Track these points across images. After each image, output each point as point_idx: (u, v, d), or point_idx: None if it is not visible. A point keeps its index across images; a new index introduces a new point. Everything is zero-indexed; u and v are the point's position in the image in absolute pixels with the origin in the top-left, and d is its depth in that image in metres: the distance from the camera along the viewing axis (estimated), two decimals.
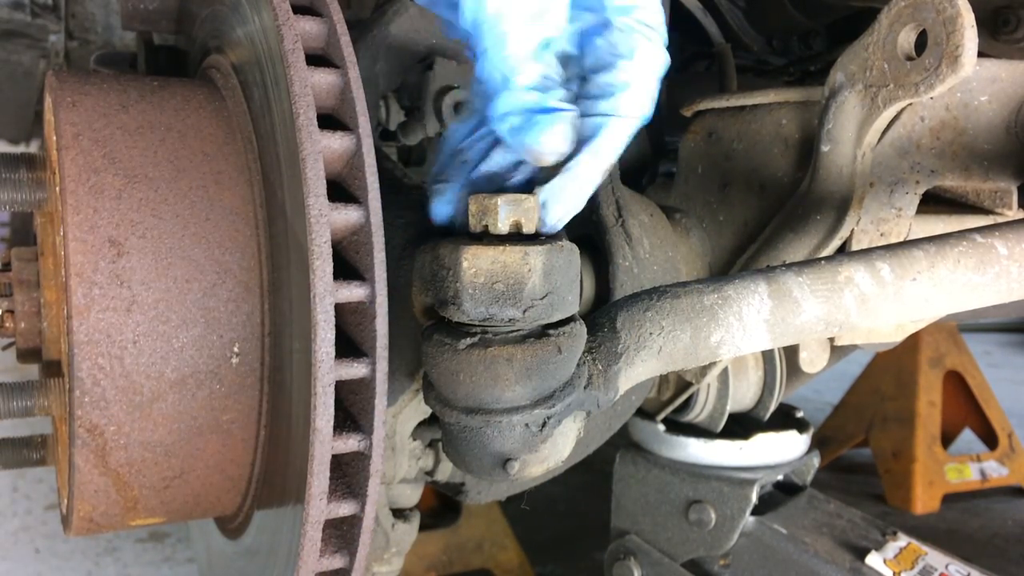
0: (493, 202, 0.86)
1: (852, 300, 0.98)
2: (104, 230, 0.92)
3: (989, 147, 1.29)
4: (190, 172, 0.98)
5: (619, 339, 0.96)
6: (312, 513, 0.86)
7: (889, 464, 3.39)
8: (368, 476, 0.89)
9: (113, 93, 1.01)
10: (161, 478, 0.99)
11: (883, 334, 1.38)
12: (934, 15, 1.07)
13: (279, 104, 0.91)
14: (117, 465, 0.96)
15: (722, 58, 1.81)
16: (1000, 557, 2.93)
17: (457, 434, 0.92)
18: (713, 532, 1.46)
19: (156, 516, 1.03)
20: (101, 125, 0.97)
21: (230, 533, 1.18)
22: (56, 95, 0.98)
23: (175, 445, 0.97)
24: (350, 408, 0.92)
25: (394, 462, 1.20)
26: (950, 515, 3.27)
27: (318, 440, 0.84)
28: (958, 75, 1.06)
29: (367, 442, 0.88)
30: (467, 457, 0.93)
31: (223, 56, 1.11)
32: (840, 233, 1.26)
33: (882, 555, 1.39)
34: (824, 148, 1.24)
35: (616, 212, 1.28)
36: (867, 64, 1.17)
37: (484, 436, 0.90)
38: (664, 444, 1.54)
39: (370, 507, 0.90)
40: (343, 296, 0.86)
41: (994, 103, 1.29)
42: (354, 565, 0.92)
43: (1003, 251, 1.02)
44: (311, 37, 0.92)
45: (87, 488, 0.96)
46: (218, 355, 0.97)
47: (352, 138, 0.89)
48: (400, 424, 1.18)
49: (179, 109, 1.02)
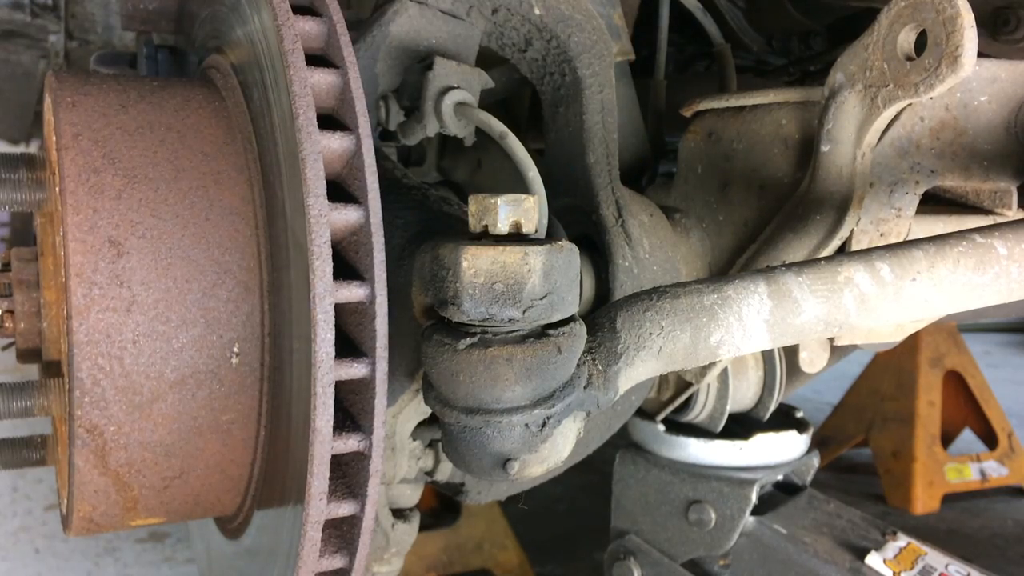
0: (493, 202, 0.86)
1: (852, 300, 0.98)
2: (104, 230, 0.92)
3: (989, 147, 1.29)
4: (190, 172, 0.98)
5: (619, 339, 0.96)
6: (312, 513, 0.86)
7: (889, 464, 3.39)
8: (368, 476, 0.89)
9: (113, 93, 1.01)
10: (161, 478, 0.99)
11: (883, 334, 1.38)
12: (934, 15, 1.07)
13: (279, 104, 0.91)
14: (117, 465, 0.96)
15: (722, 58, 1.81)
16: (1000, 557, 2.93)
17: (457, 434, 0.92)
18: (713, 532, 1.46)
19: (156, 516, 1.03)
20: (101, 125, 0.97)
21: (230, 533, 1.18)
22: (56, 95, 0.98)
23: (175, 445, 0.97)
24: (350, 408, 0.92)
25: (394, 462, 1.20)
26: (950, 515, 3.27)
27: (318, 440, 0.84)
28: (958, 75, 1.06)
29: (367, 442, 0.88)
30: (467, 457, 0.93)
31: (223, 56, 1.11)
32: (840, 233, 1.26)
33: (882, 555, 1.39)
34: (824, 148, 1.24)
35: (616, 212, 1.28)
36: (867, 64, 1.17)
37: (484, 436, 0.90)
38: (664, 444, 1.54)
39: (370, 507, 0.90)
40: (343, 296, 0.86)
41: (994, 103, 1.29)
42: (354, 565, 0.92)
43: (1003, 251, 1.02)
44: (311, 37, 0.92)
45: (87, 488, 0.96)
46: (218, 355, 0.97)
47: (352, 138, 0.89)
48: (400, 424, 1.18)
49: (179, 109, 1.02)
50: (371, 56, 1.25)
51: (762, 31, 1.99)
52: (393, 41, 1.25)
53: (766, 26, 1.99)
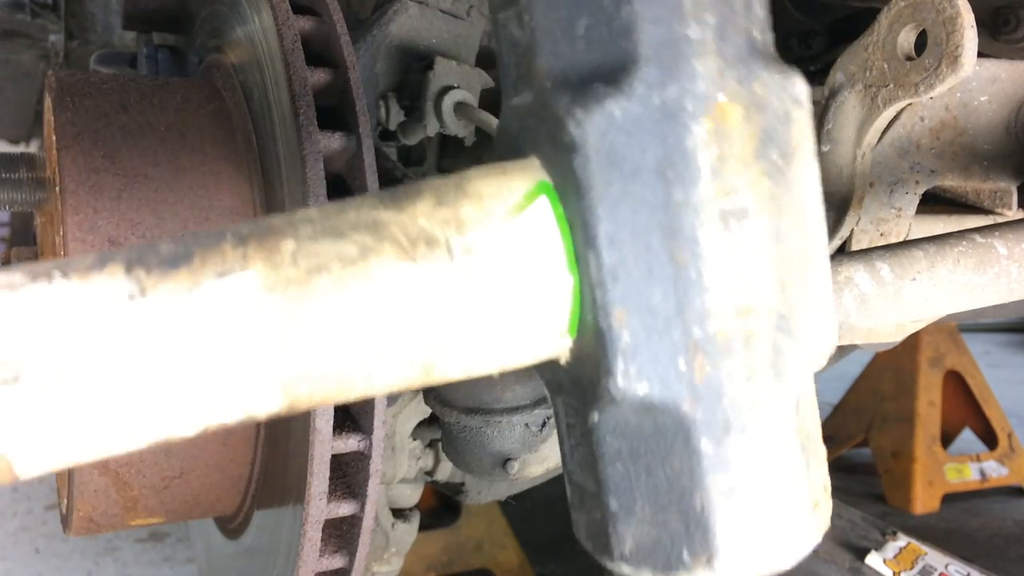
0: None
1: (852, 300, 0.98)
2: (104, 230, 0.92)
3: (989, 147, 1.29)
4: (190, 172, 0.98)
5: None
6: (312, 513, 0.86)
7: (889, 464, 3.39)
8: (368, 476, 0.89)
9: (113, 93, 1.01)
10: (161, 478, 0.99)
11: (883, 334, 1.38)
12: (934, 15, 1.07)
13: (279, 104, 0.91)
14: (117, 465, 0.96)
15: None
16: (1000, 557, 2.93)
17: (457, 434, 0.92)
18: None
19: (156, 516, 1.03)
20: (101, 125, 0.97)
21: (230, 533, 1.18)
22: (56, 95, 0.98)
23: (175, 445, 0.97)
24: (350, 408, 0.92)
25: (394, 462, 1.20)
26: (950, 515, 3.26)
27: (318, 440, 0.84)
28: (958, 75, 1.06)
29: (367, 442, 0.88)
30: (467, 457, 0.93)
31: (223, 56, 1.11)
32: (840, 233, 1.26)
33: (882, 555, 1.39)
34: (824, 148, 1.24)
35: None
36: (867, 64, 1.17)
37: (484, 436, 0.90)
38: None
39: (370, 507, 0.90)
40: None
41: (994, 103, 1.29)
42: (354, 565, 0.92)
43: (1003, 251, 1.02)
44: (311, 37, 0.93)
45: (87, 488, 0.96)
46: None
47: (352, 138, 0.89)
48: (400, 424, 1.18)
49: (179, 109, 1.02)
50: (371, 56, 1.25)
51: None
52: (393, 41, 1.25)
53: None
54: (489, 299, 0.46)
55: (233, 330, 0.41)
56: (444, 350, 0.46)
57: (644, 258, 0.45)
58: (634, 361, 0.45)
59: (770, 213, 0.46)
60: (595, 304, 0.46)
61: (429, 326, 0.45)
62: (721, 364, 0.45)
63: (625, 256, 0.45)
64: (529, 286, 0.46)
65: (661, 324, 0.45)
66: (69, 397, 0.39)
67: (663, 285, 0.45)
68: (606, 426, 0.48)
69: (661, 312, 0.45)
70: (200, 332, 0.41)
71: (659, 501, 0.47)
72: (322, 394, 0.44)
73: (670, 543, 0.47)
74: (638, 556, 0.47)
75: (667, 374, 0.45)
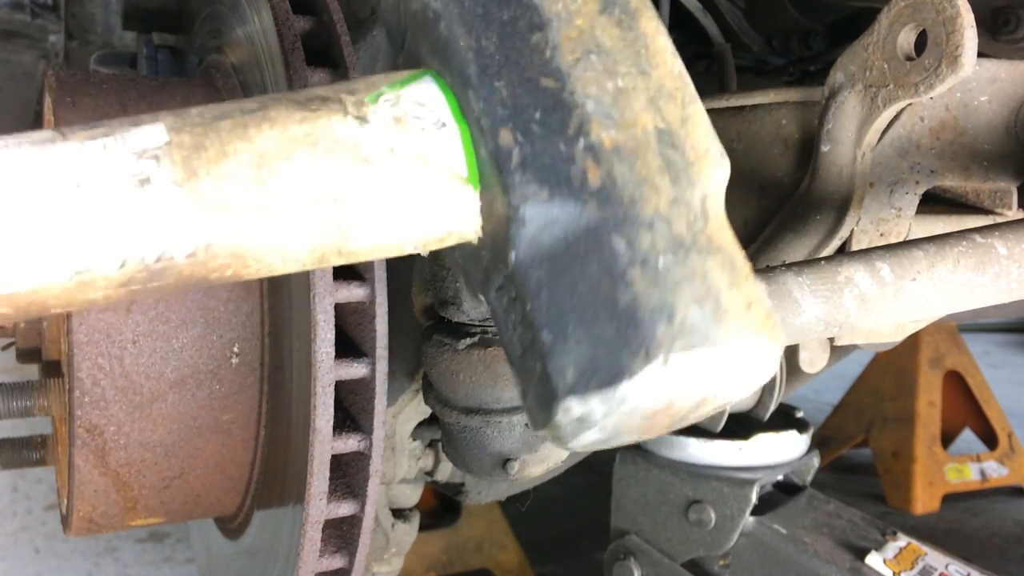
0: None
1: (852, 300, 0.98)
2: None
3: (989, 147, 1.29)
4: None
5: None
6: (312, 513, 0.86)
7: (889, 464, 3.39)
8: (368, 476, 0.89)
9: (113, 93, 1.01)
10: (161, 478, 0.99)
11: (883, 334, 1.38)
12: (934, 15, 1.07)
13: None
14: (117, 465, 0.96)
15: (722, 58, 1.81)
16: (1000, 557, 2.93)
17: (457, 434, 0.92)
18: (713, 532, 1.46)
19: (156, 516, 1.03)
20: None
21: (230, 533, 1.18)
22: (56, 95, 0.98)
23: (175, 445, 0.97)
24: (350, 408, 0.92)
25: (394, 462, 1.20)
26: (950, 515, 3.26)
27: (318, 440, 0.84)
28: (958, 75, 1.06)
29: (367, 442, 0.88)
30: (467, 457, 0.93)
31: (223, 56, 1.11)
32: (840, 233, 1.26)
33: (882, 555, 1.39)
34: (824, 148, 1.24)
35: None
36: (867, 64, 1.17)
37: (484, 436, 0.90)
38: (664, 444, 1.54)
39: (370, 507, 0.90)
40: (343, 296, 0.86)
41: (994, 103, 1.29)
42: (354, 565, 0.92)
43: (1003, 251, 1.01)
44: (311, 37, 0.92)
45: (87, 488, 0.96)
46: (218, 355, 0.97)
47: None
48: (400, 424, 1.18)
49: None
50: (371, 56, 1.25)
51: (762, 31, 1.99)
52: None
53: (766, 26, 1.99)
54: (386, 151, 0.51)
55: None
56: (347, 202, 0.50)
57: (517, 82, 0.50)
58: (529, 170, 0.49)
59: (624, 51, 0.52)
60: (483, 134, 0.50)
61: (330, 178, 0.49)
62: (613, 169, 0.48)
63: (499, 85, 0.50)
64: (422, 138, 0.51)
65: (547, 136, 0.49)
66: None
67: (540, 102, 0.50)
68: (525, 260, 0.49)
69: (544, 126, 0.49)
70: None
71: (588, 314, 0.47)
72: (230, 238, 0.49)
73: (607, 353, 0.46)
74: (581, 382, 0.46)
75: (561, 180, 0.48)
